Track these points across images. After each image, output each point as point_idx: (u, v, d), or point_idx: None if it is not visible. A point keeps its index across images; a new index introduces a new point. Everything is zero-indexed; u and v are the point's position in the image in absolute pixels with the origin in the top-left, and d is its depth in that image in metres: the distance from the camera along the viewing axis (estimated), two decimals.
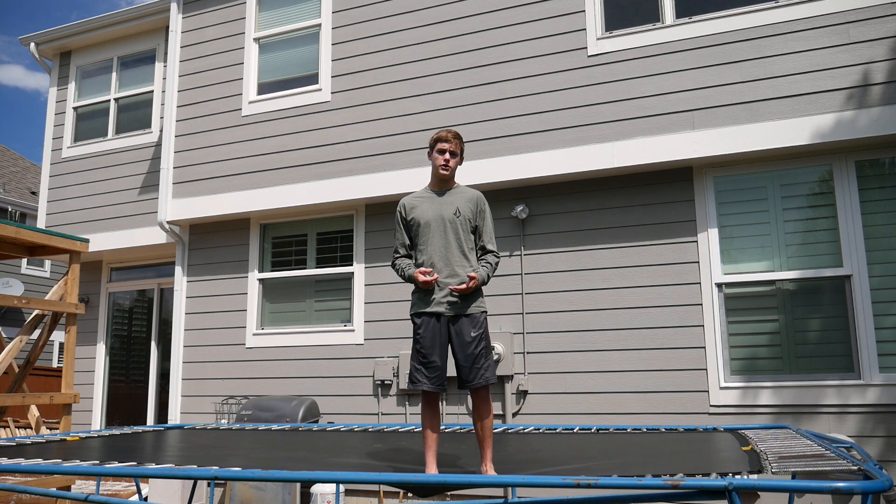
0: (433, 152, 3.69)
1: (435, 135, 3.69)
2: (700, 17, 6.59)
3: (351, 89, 7.92)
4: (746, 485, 2.13)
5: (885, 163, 6.10)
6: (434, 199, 3.66)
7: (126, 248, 9.39)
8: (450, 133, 3.65)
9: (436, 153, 3.66)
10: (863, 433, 5.75)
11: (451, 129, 3.70)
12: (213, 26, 8.87)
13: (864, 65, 6.01)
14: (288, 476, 2.69)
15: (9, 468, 3.08)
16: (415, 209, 3.67)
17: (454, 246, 3.57)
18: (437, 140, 3.66)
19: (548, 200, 7.04)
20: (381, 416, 7.35)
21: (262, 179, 8.15)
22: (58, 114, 10.33)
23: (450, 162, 3.64)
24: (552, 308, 6.84)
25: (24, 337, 6.24)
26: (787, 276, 6.19)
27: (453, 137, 3.64)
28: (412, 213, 3.66)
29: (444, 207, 3.63)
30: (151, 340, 9.83)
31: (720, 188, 6.51)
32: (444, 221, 3.60)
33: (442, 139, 3.63)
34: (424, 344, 3.45)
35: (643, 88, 6.66)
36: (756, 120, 6.23)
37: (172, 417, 8.34)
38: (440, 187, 3.72)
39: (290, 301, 8.14)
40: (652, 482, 2.22)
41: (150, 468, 2.86)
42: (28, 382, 6.93)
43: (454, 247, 3.57)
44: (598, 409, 6.50)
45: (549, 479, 2.34)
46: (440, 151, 3.64)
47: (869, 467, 2.36)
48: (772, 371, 6.17)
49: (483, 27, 7.39)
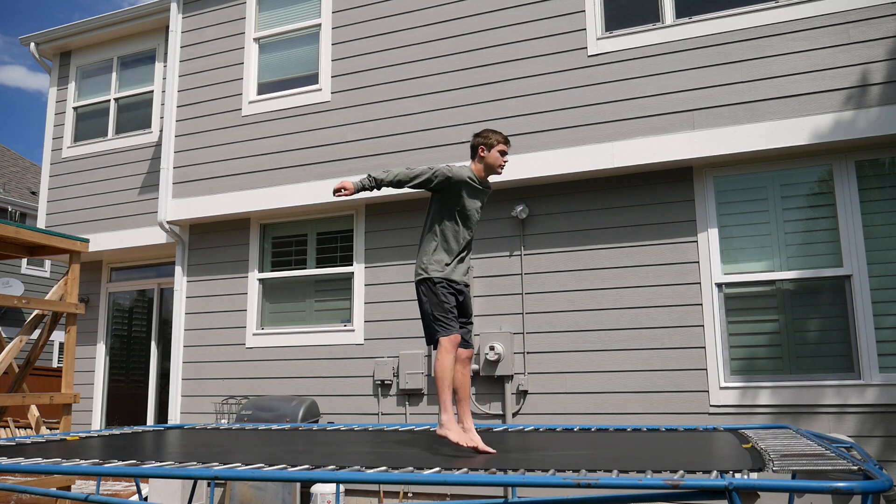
0: (493, 151, 3.99)
1: (500, 135, 4.04)
2: (700, 17, 6.59)
3: (351, 89, 7.92)
4: (747, 485, 2.13)
5: (884, 163, 6.10)
6: (478, 191, 4.04)
7: (126, 248, 9.39)
8: (509, 143, 4.11)
9: (497, 153, 3.99)
10: (862, 433, 5.75)
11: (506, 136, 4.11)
12: (213, 26, 8.87)
13: (864, 65, 6.01)
14: (288, 476, 2.69)
15: (9, 468, 3.09)
16: (466, 191, 3.97)
17: (471, 238, 4.07)
18: (502, 142, 4.03)
19: (548, 200, 7.04)
20: (381, 416, 7.35)
21: (262, 179, 8.15)
22: (58, 114, 10.33)
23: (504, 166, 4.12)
24: (552, 308, 6.84)
25: (24, 337, 6.24)
26: (786, 276, 6.19)
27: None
28: (464, 192, 3.96)
29: (481, 200, 4.08)
30: (151, 340, 9.83)
31: (720, 188, 6.51)
32: (476, 215, 4.03)
33: (506, 147, 4.05)
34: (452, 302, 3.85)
35: (643, 88, 6.66)
36: (756, 120, 6.24)
37: (172, 417, 8.34)
38: (483, 178, 4.06)
39: (290, 301, 8.14)
40: (652, 482, 2.22)
41: (150, 468, 2.86)
42: (28, 382, 6.93)
43: (471, 239, 4.07)
44: (598, 409, 6.50)
45: (549, 479, 2.34)
46: (502, 153, 4.02)
47: (869, 467, 2.36)
48: (771, 371, 6.17)
49: (483, 27, 7.39)
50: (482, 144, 4.00)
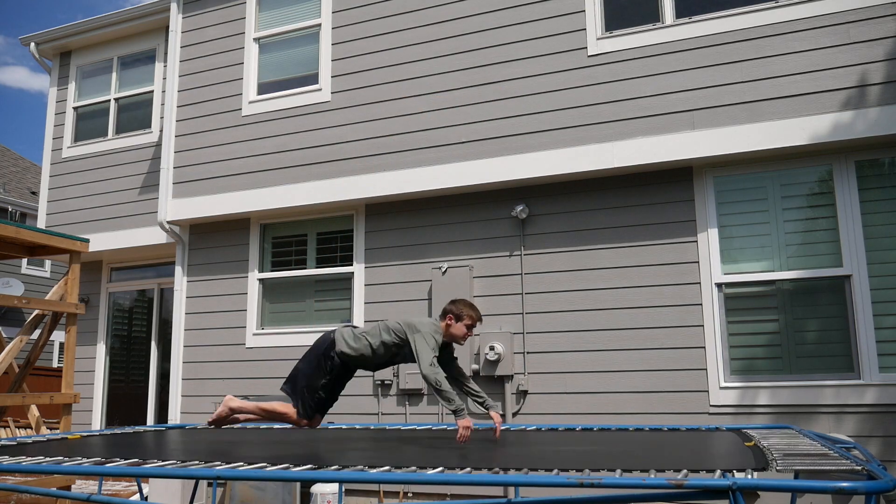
0: (461, 324, 4.15)
1: (474, 312, 4.18)
2: (700, 17, 6.59)
3: (351, 89, 7.92)
4: (750, 484, 2.13)
5: (884, 163, 6.10)
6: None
7: (126, 248, 9.38)
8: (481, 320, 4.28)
9: (464, 326, 4.16)
10: (862, 433, 5.75)
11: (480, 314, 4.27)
12: (213, 26, 8.87)
13: (864, 65, 6.01)
14: (290, 476, 2.69)
15: (9, 468, 3.08)
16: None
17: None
18: (474, 320, 4.18)
19: (548, 200, 7.04)
20: (381, 416, 7.35)
21: (262, 179, 8.15)
22: (58, 114, 10.32)
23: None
24: (552, 308, 6.84)
25: (24, 337, 6.23)
26: (786, 276, 6.19)
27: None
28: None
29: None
30: (151, 340, 9.82)
31: (720, 188, 6.51)
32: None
33: (476, 322, 4.20)
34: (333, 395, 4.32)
35: (643, 88, 6.66)
36: (756, 120, 6.24)
37: (172, 417, 8.33)
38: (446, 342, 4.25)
39: (290, 301, 8.13)
40: (655, 481, 2.22)
41: (150, 468, 2.85)
42: (28, 382, 6.92)
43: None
44: (598, 409, 6.50)
45: (551, 479, 2.34)
46: (469, 328, 4.18)
47: (872, 467, 2.36)
48: (771, 371, 6.17)
49: (483, 27, 7.39)
50: (452, 314, 4.17)
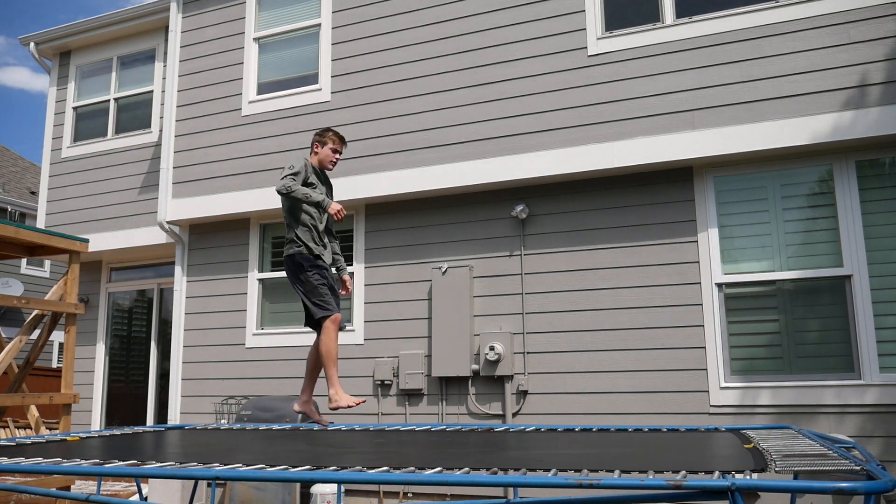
0: (326, 149, 4.65)
1: (336, 134, 4.69)
2: (700, 17, 6.59)
3: (351, 89, 7.91)
4: (749, 485, 2.12)
5: (885, 163, 6.10)
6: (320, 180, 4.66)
7: (126, 248, 9.38)
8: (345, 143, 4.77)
9: (329, 150, 4.66)
10: (863, 433, 5.75)
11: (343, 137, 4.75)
12: (213, 26, 8.86)
13: (864, 65, 6.01)
14: (289, 476, 2.68)
15: (9, 468, 3.08)
16: (313, 177, 4.57)
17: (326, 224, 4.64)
18: (338, 142, 4.70)
19: (548, 200, 7.03)
20: (381, 416, 7.34)
21: (262, 179, 8.14)
22: (57, 114, 10.32)
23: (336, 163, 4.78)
24: (552, 308, 6.83)
25: (23, 337, 6.23)
26: (787, 276, 6.19)
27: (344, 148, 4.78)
28: (312, 178, 4.54)
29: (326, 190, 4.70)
30: (151, 340, 9.82)
31: (720, 188, 6.51)
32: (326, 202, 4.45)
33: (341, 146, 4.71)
34: (328, 283, 4.50)
35: (643, 88, 6.66)
36: (756, 120, 6.23)
37: (172, 417, 8.33)
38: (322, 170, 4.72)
39: (290, 301, 8.13)
40: (654, 482, 2.21)
41: (150, 468, 2.85)
42: (28, 382, 6.91)
43: (326, 224, 4.64)
44: (598, 409, 6.50)
45: (550, 479, 2.34)
46: (334, 151, 4.68)
47: (871, 467, 2.35)
48: (772, 371, 6.17)
49: (483, 27, 7.39)
50: (317, 142, 4.66)
